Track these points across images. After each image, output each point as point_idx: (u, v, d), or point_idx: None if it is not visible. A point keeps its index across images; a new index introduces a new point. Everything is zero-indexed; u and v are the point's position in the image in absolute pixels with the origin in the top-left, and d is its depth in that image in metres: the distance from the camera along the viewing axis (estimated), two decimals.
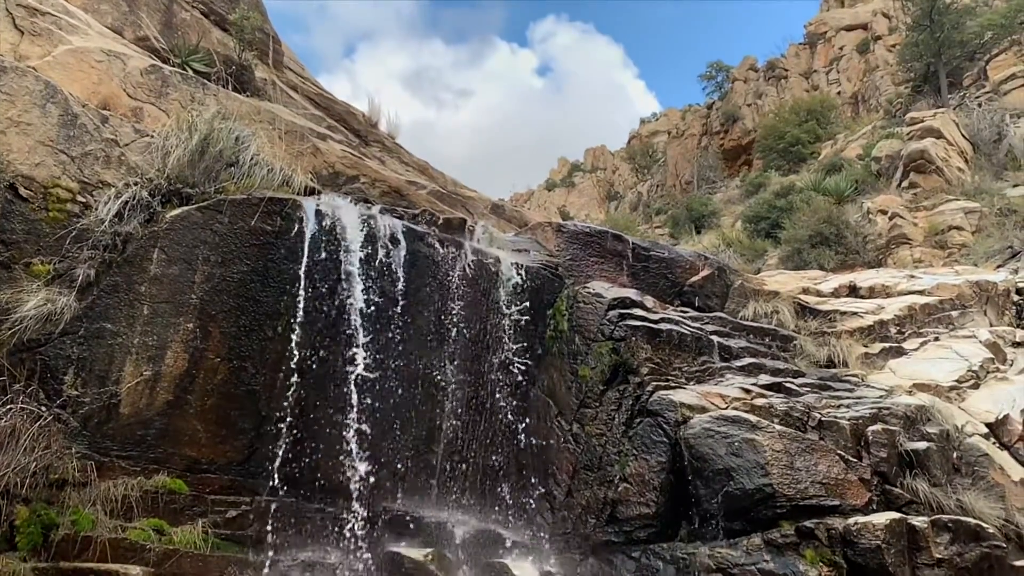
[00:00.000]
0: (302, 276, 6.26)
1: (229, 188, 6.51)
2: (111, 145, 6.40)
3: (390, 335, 6.57)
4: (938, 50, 30.07)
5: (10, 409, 5.02)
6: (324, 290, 6.36)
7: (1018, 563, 5.93)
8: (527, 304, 7.36)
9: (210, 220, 6.18)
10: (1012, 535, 6.30)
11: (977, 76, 29.93)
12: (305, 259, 6.31)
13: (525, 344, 7.24)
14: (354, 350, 6.28)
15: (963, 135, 22.16)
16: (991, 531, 5.82)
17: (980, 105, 25.05)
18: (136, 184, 6.22)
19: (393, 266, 6.71)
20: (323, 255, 6.40)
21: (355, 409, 6.17)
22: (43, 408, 5.24)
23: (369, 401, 6.28)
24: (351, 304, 6.38)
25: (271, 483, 5.88)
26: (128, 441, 5.58)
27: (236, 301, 6.11)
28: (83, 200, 6.04)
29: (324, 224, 6.48)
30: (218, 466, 5.85)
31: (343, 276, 6.43)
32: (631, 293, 7.87)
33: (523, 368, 7.17)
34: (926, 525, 5.67)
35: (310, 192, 7.03)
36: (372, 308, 6.46)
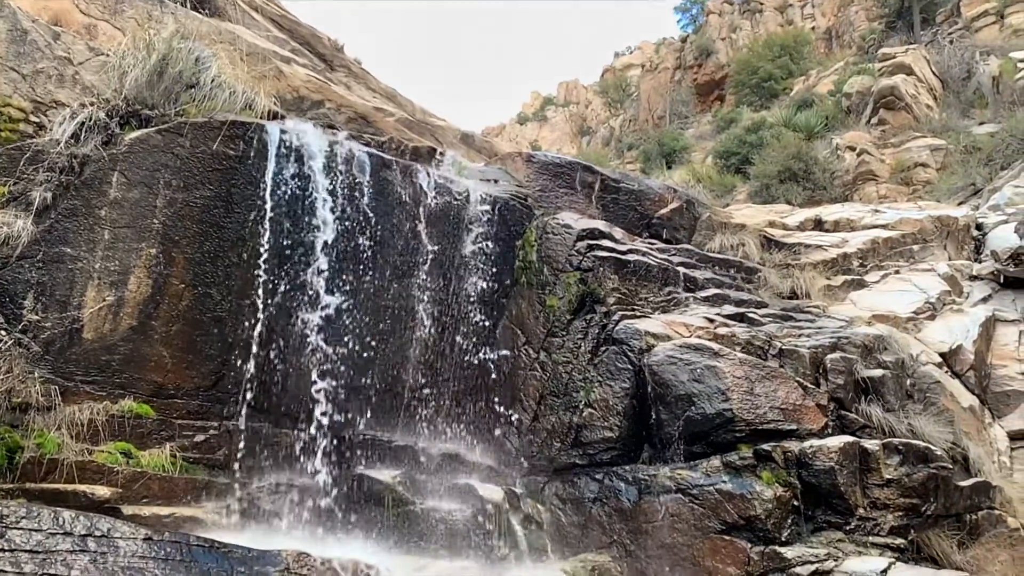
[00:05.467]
0: (267, 202, 6.17)
1: (190, 110, 6.33)
2: (64, 63, 6.17)
3: (357, 262, 6.54)
4: None
5: None
6: (289, 216, 6.27)
7: (963, 483, 6.21)
8: (496, 234, 7.35)
9: (171, 143, 6.02)
10: (958, 457, 6.57)
11: (950, 12, 29.81)
12: (269, 184, 6.20)
13: (494, 273, 7.26)
14: (320, 276, 6.25)
15: (933, 72, 22.19)
16: (939, 453, 6.06)
17: (951, 42, 25.03)
18: (92, 104, 6.01)
19: (360, 193, 6.62)
20: (287, 181, 6.30)
21: (323, 335, 6.18)
22: (3, 332, 5.17)
23: (337, 327, 6.29)
24: (317, 230, 6.31)
25: (239, 408, 5.91)
26: (92, 366, 5.54)
27: (200, 227, 6.02)
28: (36, 120, 5.85)
29: (288, 149, 6.35)
30: (185, 391, 5.84)
31: (308, 202, 6.34)
32: (600, 224, 7.88)
33: (492, 297, 7.21)
34: (878, 448, 5.88)
35: (274, 116, 6.85)
36: (338, 235, 6.40)
